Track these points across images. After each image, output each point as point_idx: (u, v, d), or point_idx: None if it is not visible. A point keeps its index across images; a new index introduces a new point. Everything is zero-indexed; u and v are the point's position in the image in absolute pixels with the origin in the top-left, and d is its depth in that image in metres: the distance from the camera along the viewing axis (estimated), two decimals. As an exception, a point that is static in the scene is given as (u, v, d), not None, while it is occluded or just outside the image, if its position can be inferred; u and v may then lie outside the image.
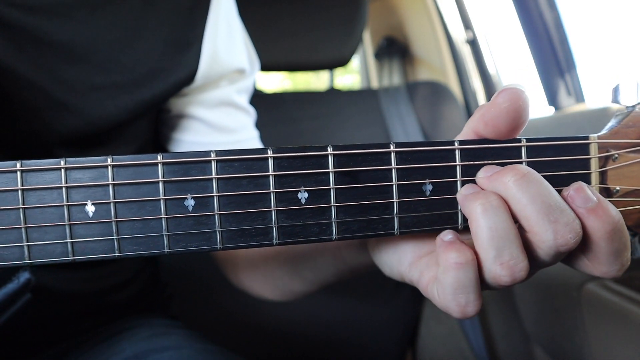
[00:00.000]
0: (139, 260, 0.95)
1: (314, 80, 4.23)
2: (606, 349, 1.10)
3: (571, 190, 0.46)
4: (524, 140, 0.50)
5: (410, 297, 1.70)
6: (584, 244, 0.46)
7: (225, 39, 0.85)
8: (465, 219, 0.49)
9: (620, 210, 0.51)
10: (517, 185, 0.44)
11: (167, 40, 0.77)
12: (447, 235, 0.47)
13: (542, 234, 0.43)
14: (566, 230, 0.43)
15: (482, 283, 0.46)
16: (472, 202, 0.45)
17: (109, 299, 0.88)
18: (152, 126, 0.88)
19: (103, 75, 0.72)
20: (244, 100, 0.93)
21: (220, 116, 0.88)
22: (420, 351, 1.84)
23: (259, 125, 0.99)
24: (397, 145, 0.47)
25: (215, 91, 0.87)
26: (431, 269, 0.50)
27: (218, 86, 0.87)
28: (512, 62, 1.91)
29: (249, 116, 0.94)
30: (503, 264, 0.43)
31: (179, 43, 0.78)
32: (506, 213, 0.44)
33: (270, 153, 0.45)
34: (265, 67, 1.48)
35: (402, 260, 0.54)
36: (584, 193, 0.46)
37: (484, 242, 0.44)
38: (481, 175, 0.48)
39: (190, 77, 0.81)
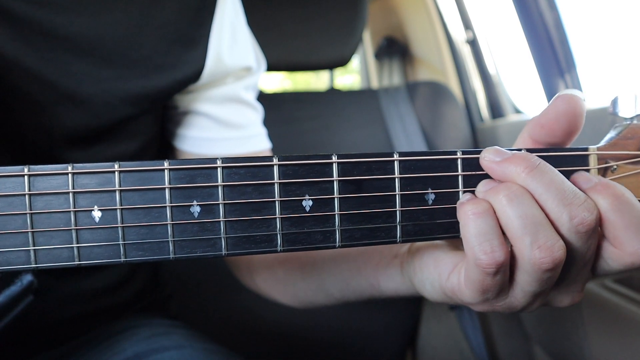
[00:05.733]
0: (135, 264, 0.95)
1: (314, 80, 4.23)
2: (606, 349, 1.11)
3: (573, 176, 0.49)
4: (525, 151, 0.50)
5: (409, 297, 1.70)
6: (601, 226, 0.48)
7: (232, 39, 0.85)
8: None
9: None
10: (530, 176, 0.46)
11: (173, 38, 0.77)
12: (465, 197, 0.49)
13: (559, 218, 0.45)
14: (580, 209, 0.45)
15: (523, 275, 0.47)
16: (495, 195, 0.46)
17: (106, 299, 0.88)
18: (158, 123, 0.88)
19: (110, 69, 0.73)
20: (251, 96, 0.93)
21: (227, 112, 0.89)
22: (420, 351, 1.84)
23: (259, 125, 0.99)
24: (401, 154, 0.48)
25: (223, 88, 0.87)
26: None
27: (225, 83, 0.87)
28: (512, 62, 1.91)
29: (257, 112, 0.95)
30: (541, 247, 0.44)
31: (185, 41, 0.79)
32: (531, 199, 0.46)
33: (275, 161, 0.46)
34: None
35: (442, 272, 0.55)
36: (584, 176, 0.49)
37: (517, 231, 0.45)
38: (494, 159, 0.49)
39: (196, 75, 0.81)
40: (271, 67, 1.67)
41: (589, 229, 0.45)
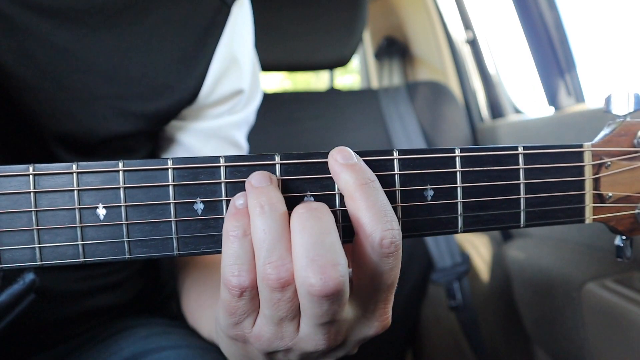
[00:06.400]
0: (137, 263, 0.95)
1: (314, 80, 4.24)
2: (606, 349, 1.11)
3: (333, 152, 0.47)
4: (521, 148, 0.52)
5: (409, 297, 1.71)
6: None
7: (232, 62, 0.84)
8: (465, 223, 0.51)
9: (612, 216, 0.55)
10: (297, 216, 0.44)
11: (177, 57, 0.77)
12: (238, 199, 0.46)
13: (299, 273, 0.42)
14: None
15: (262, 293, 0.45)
16: (252, 200, 0.44)
17: (106, 299, 0.88)
18: (153, 141, 0.88)
19: (108, 86, 0.73)
20: (240, 134, 0.92)
21: (208, 149, 0.88)
22: (420, 351, 1.84)
23: (259, 125, 0.99)
24: (400, 152, 0.49)
25: (213, 121, 0.86)
26: None
27: (217, 116, 0.86)
28: (512, 62, 1.91)
29: (242, 152, 0.93)
30: (272, 263, 0.42)
31: (187, 60, 0.78)
32: (282, 217, 0.44)
33: (277, 159, 0.46)
34: (265, 67, 1.48)
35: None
36: (345, 152, 0.47)
37: (257, 243, 0.43)
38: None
39: (193, 96, 0.80)
40: (271, 67, 1.68)
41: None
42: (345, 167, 0.46)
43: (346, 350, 0.51)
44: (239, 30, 0.85)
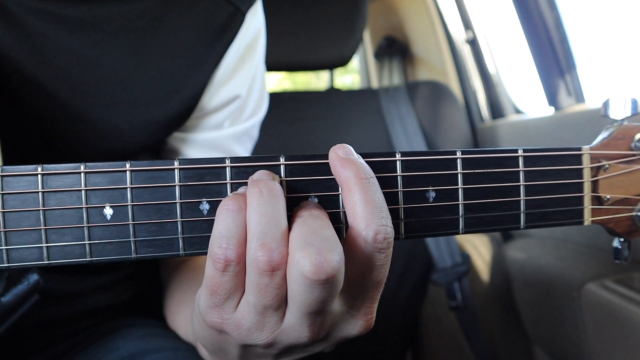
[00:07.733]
0: (138, 261, 0.95)
1: (314, 80, 4.24)
2: (606, 349, 1.11)
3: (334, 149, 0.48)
4: (521, 151, 0.52)
5: (409, 297, 1.71)
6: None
7: (238, 69, 0.85)
8: (466, 225, 0.51)
9: (610, 218, 0.56)
10: (298, 217, 0.45)
11: (187, 62, 0.77)
12: (240, 189, 0.47)
13: (293, 255, 0.42)
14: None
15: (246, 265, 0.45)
16: (251, 187, 0.44)
17: (105, 297, 0.88)
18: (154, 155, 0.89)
19: (123, 91, 0.73)
20: (241, 148, 0.92)
21: None
22: (420, 351, 1.85)
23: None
24: (403, 154, 0.49)
25: (213, 133, 0.87)
26: None
27: (218, 127, 0.86)
28: (512, 62, 1.91)
29: None
30: (264, 245, 0.42)
31: (196, 64, 0.79)
32: (280, 205, 0.44)
33: (282, 160, 0.47)
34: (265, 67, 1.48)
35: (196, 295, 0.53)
36: (344, 148, 0.48)
37: (251, 225, 0.43)
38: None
39: (195, 100, 0.80)
40: (271, 67, 1.67)
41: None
42: (345, 161, 0.46)
43: (324, 346, 0.51)
44: (251, 39, 0.85)
